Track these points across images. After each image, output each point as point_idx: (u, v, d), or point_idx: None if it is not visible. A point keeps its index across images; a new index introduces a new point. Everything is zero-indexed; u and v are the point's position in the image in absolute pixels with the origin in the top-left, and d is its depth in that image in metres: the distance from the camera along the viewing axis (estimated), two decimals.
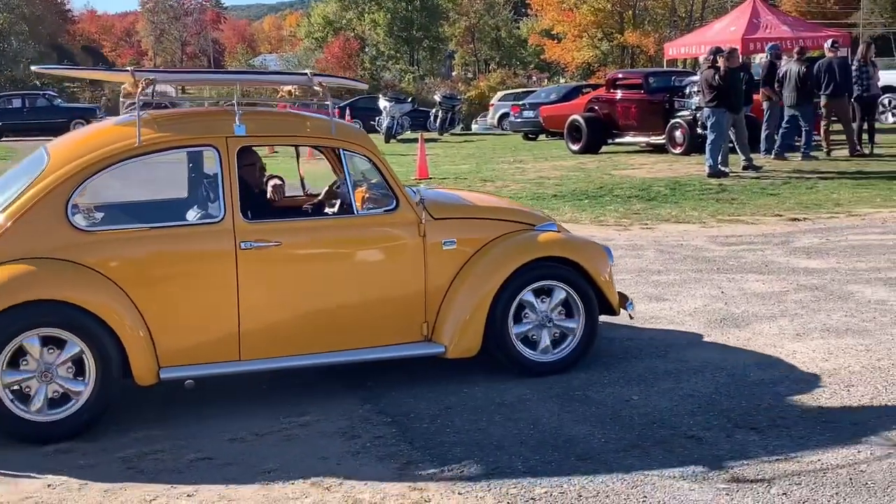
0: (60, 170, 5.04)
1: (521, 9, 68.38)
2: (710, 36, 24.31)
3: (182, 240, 5.15)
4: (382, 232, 5.51)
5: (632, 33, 46.76)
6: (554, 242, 5.81)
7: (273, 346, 5.24)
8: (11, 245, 4.87)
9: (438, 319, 5.55)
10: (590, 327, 5.74)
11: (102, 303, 4.85)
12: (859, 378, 5.36)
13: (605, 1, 47.66)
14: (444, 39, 70.76)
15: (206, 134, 5.33)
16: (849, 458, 4.27)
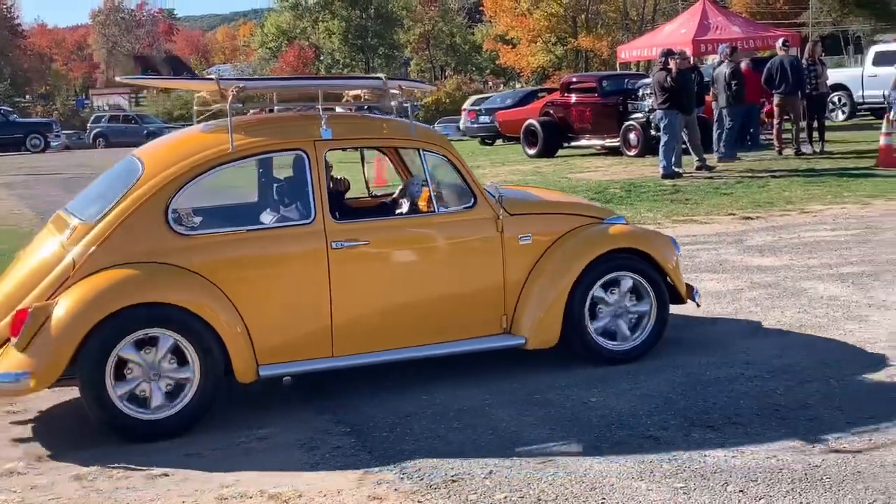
0: (158, 176, 5.21)
1: (475, 15, 68.66)
2: (661, 38, 24.53)
3: (276, 241, 5.32)
4: (463, 228, 5.69)
5: (585, 37, 47.09)
6: (625, 234, 6.04)
7: (363, 341, 5.43)
8: (114, 250, 5.05)
9: (517, 312, 5.74)
10: (661, 314, 5.94)
11: (205, 304, 5.03)
12: (812, 374, 5.42)
13: (558, 6, 47.97)
14: (400, 46, 70.87)
15: (295, 138, 5.50)
16: (804, 453, 4.31)
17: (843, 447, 4.35)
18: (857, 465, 4.15)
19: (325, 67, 67.31)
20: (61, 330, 4.81)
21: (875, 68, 25.26)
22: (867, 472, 4.07)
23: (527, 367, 5.76)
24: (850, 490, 3.91)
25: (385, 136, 6.08)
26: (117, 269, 4.99)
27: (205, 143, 5.44)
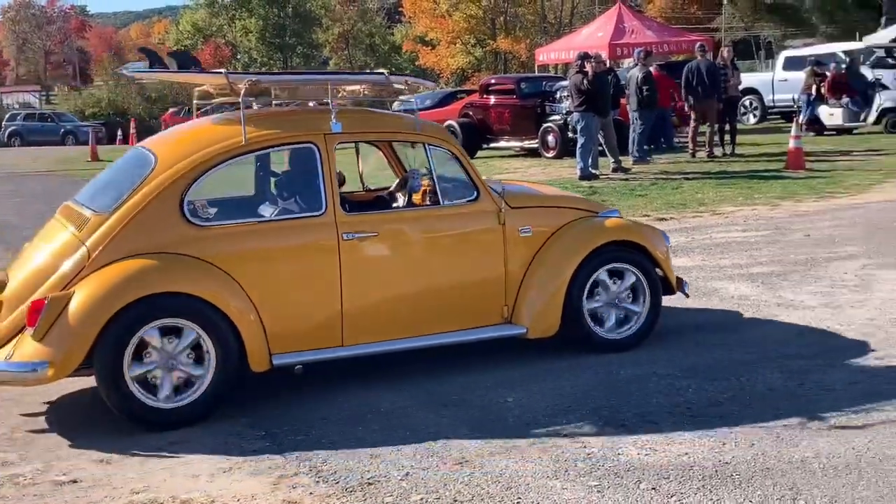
0: (172, 168, 5.28)
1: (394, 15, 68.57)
2: (578, 41, 24.84)
3: (289, 233, 5.43)
4: (466, 221, 5.86)
5: (504, 39, 47.35)
6: (621, 228, 6.27)
7: (372, 331, 5.56)
8: (129, 241, 5.11)
9: (517, 302, 5.91)
10: (655, 306, 6.17)
11: (219, 293, 5.11)
12: (723, 372, 5.53)
13: (477, 8, 48.17)
14: (319, 46, 70.40)
15: (306, 131, 5.61)
16: (714, 450, 4.39)
17: (753, 444, 4.44)
18: (765, 461, 4.24)
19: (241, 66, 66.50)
20: (81, 319, 4.85)
21: (785, 73, 25.91)
22: (776, 468, 4.16)
23: (447, 367, 5.76)
24: (759, 486, 3.99)
25: (392, 130, 6.25)
26: (135, 260, 5.07)
27: (217, 135, 5.55)
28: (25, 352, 4.88)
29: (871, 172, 14.42)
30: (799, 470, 4.13)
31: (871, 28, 33.21)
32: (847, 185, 13.05)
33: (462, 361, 5.82)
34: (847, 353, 5.80)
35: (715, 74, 16.90)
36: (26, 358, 4.86)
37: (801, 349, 5.91)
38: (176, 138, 5.95)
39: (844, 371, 5.46)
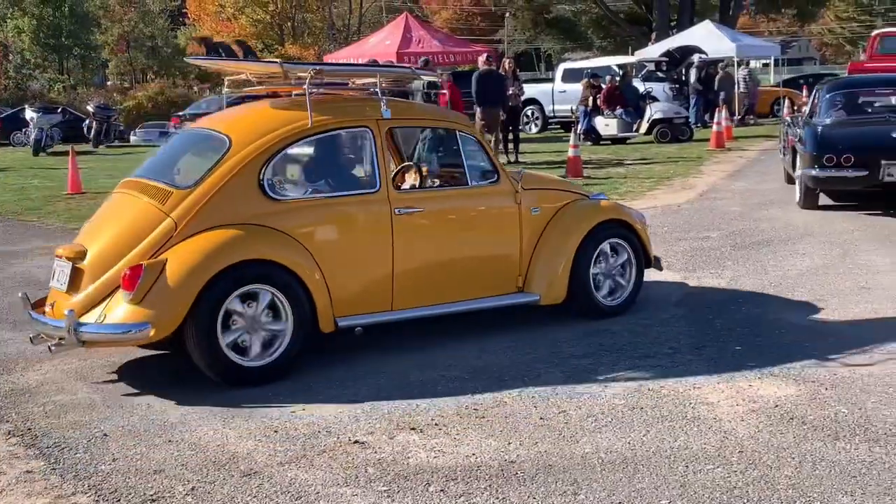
0: (248, 147, 5.83)
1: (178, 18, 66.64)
2: (367, 49, 24.96)
3: (351, 207, 6.07)
4: (490, 199, 6.63)
5: (292, 45, 47.00)
6: (614, 208, 7.24)
7: (416, 297, 6.22)
8: (212, 214, 5.62)
9: (529, 273, 6.70)
10: (639, 276, 7.10)
11: (296, 261, 5.67)
12: (508, 373, 5.67)
13: (264, 12, 47.57)
14: (97, 48, 67.44)
15: (362, 117, 6.27)
16: (500, 450, 4.50)
17: (536, 443, 4.58)
18: (548, 459, 4.38)
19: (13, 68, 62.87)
20: (181, 282, 5.33)
21: (564, 84, 27.00)
22: (558, 465, 4.31)
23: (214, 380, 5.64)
24: (542, 483, 4.12)
25: (430, 117, 7.24)
26: (222, 230, 5.59)
27: (284, 118, 6.11)
28: (124, 314, 5.34)
29: (643, 180, 15.21)
30: (580, 466, 4.29)
31: (643, 43, 35.04)
32: (622, 192, 13.70)
33: None
34: (621, 352, 6.08)
35: (501, 84, 17.38)
36: (124, 320, 5.32)
37: (580, 349, 6.14)
38: (244, 120, 6.44)
39: (618, 369, 5.72)
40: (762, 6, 47.09)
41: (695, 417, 4.85)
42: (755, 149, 20.03)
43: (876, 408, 4.88)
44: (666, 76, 28.09)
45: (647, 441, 4.55)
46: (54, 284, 5.85)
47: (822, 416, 4.79)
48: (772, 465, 4.23)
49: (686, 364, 5.76)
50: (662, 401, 5.11)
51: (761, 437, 4.55)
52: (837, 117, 12.00)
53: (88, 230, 6.04)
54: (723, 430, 4.67)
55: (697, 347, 6.10)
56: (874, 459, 4.24)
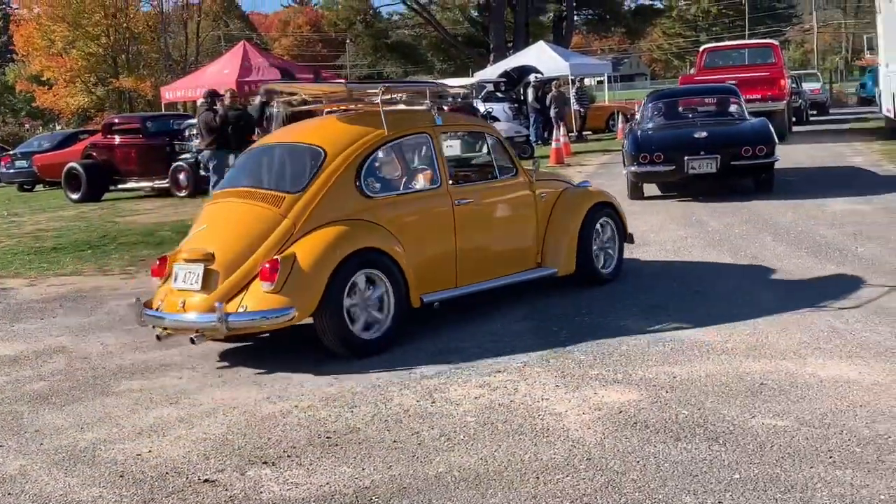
0: (342, 154, 6.85)
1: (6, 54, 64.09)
2: (205, 79, 24.58)
3: (425, 201, 7.24)
4: (514, 190, 7.91)
5: (127, 78, 45.70)
6: (600, 193, 8.76)
7: (472, 275, 7.39)
8: (324, 212, 6.64)
9: (544, 251, 8.04)
10: (622, 248, 8.66)
11: (393, 248, 6.73)
12: (361, 398, 5.65)
13: (96, 46, 46.13)
14: None
15: (422, 125, 7.41)
16: (354, 477, 4.47)
17: (390, 466, 4.58)
18: (402, 481, 4.38)
19: None
20: (314, 271, 6.32)
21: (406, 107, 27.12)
22: (412, 486, 4.32)
23: (68, 423, 5.43)
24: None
25: (470, 123, 9.42)
26: (335, 226, 6.60)
27: (362, 129, 7.11)
28: (264, 302, 6.26)
29: None
30: (434, 486, 4.31)
31: (482, 64, 35.70)
32: None
33: (80, 418, 5.50)
34: (472, 368, 6.14)
35: None
36: (270, 307, 6.25)
37: (431, 368, 6.16)
38: (329, 132, 7.27)
39: (469, 386, 5.78)
40: (592, 26, 48.69)
41: (544, 429, 4.94)
42: (593, 163, 20.65)
43: (714, 407, 5.08)
44: (505, 96, 28.67)
45: (499, 456, 4.61)
46: (180, 286, 6.60)
47: (663, 419, 4.96)
48: (618, 469, 4.35)
49: (535, 376, 5.87)
50: (513, 415, 5.19)
51: (607, 444, 4.67)
52: (656, 123, 14.47)
53: (203, 236, 6.82)
54: (571, 438, 4.77)
55: (545, 359, 6.22)
56: (714, 457, 4.41)
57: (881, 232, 9.92)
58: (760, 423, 4.79)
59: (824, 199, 12.57)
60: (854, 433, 4.57)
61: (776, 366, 5.73)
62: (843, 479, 4.07)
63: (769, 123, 13.94)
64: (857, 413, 4.84)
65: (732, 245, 9.92)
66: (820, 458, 4.31)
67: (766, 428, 4.73)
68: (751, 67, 23.03)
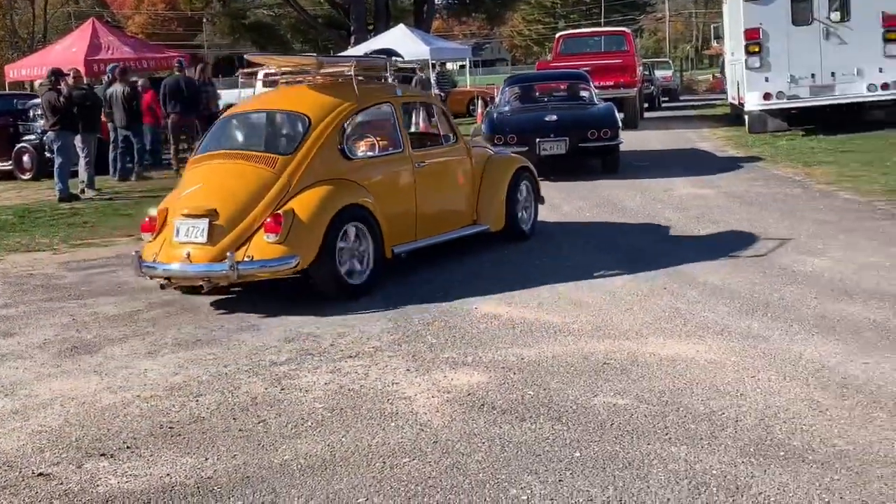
0: (325, 120, 7.65)
1: None
2: (52, 57, 23.54)
3: (393, 164, 8.16)
4: (456, 155, 8.93)
5: None
6: (520, 159, 9.89)
7: (426, 230, 8.34)
8: (314, 172, 7.42)
9: (479, 210, 9.07)
10: (537, 208, 9.91)
11: (373, 204, 7.58)
12: (207, 387, 5.53)
13: None
14: None
15: (386, 95, 8.41)
16: (196, 467, 4.37)
17: (234, 455, 4.49)
18: (246, 470, 4.30)
19: None
20: (313, 223, 7.13)
21: (265, 89, 26.69)
22: (256, 475, 4.24)
23: None
24: (240, 496, 4.04)
25: (420, 95, 10.86)
26: (325, 184, 7.40)
27: (336, 98, 7.93)
28: (269, 252, 7.02)
29: None
30: (279, 474, 4.25)
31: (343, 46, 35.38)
32: None
33: None
34: (323, 354, 6.09)
35: (194, 90, 16.97)
36: (275, 255, 7.01)
37: (283, 355, 6.09)
38: (308, 99, 8.05)
39: (319, 372, 5.73)
40: (453, 11, 48.90)
41: (393, 413, 4.94)
42: None
43: (559, 387, 5.17)
44: None
45: (346, 441, 4.58)
46: (182, 239, 7.23)
47: (510, 400, 5.02)
48: (464, 451, 4.38)
49: (386, 361, 5.85)
50: (362, 400, 5.17)
51: (455, 426, 4.70)
52: (512, 106, 15.32)
53: (200, 194, 7.43)
54: (419, 422, 4.78)
55: (398, 344, 6.22)
56: (556, 436, 4.49)
57: (722, 216, 10.30)
58: (602, 402, 4.91)
59: (671, 183, 12.97)
60: (690, 410, 4.73)
61: (619, 346, 5.88)
62: (678, 455, 4.20)
63: (614, 109, 14.79)
64: (694, 390, 5.01)
65: (583, 229, 10.14)
66: (657, 435, 4.44)
67: (607, 406, 4.84)
68: (605, 55, 23.54)
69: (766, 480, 3.90)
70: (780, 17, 17.78)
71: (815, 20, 17.76)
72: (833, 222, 9.50)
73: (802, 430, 4.40)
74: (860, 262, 7.65)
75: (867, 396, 4.76)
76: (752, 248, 8.47)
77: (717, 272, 7.66)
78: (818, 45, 17.72)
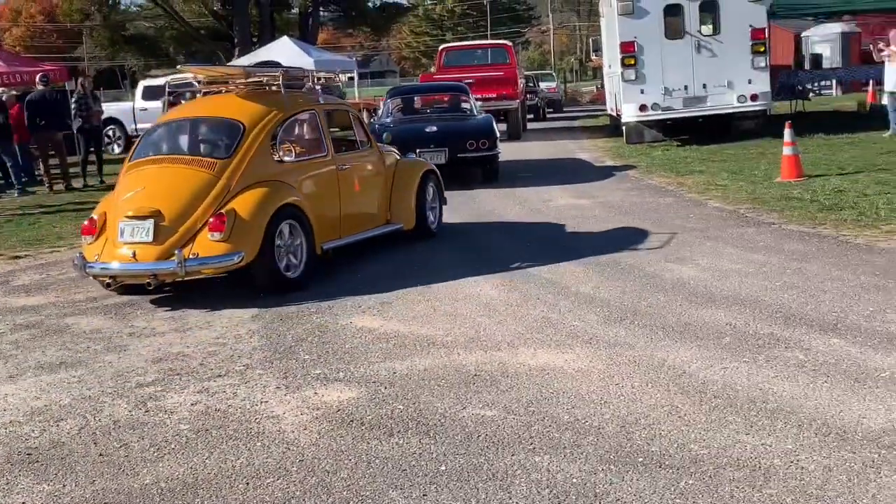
0: (257, 127, 8.21)
1: None
2: None
3: (319, 167, 8.76)
4: (371, 159, 9.66)
5: None
6: (426, 163, 10.82)
7: (349, 229, 9.03)
8: (250, 174, 7.99)
9: (391, 210, 9.84)
10: (441, 210, 10.67)
11: (304, 204, 8.18)
12: (69, 411, 5.37)
13: None
14: None
15: (310, 104, 9.08)
16: (54, 494, 4.24)
17: (94, 480, 4.37)
18: (105, 496, 4.19)
19: None
20: (254, 221, 7.64)
21: (145, 102, 26.24)
22: (114, 501, 4.14)
23: None
24: None
25: (341, 104, 10.95)
26: (262, 186, 7.93)
27: (266, 105, 8.54)
28: (214, 249, 7.54)
29: None
30: (139, 499, 4.15)
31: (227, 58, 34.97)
32: None
33: None
34: (192, 374, 5.99)
35: (59, 105, 16.53)
36: (221, 252, 7.53)
37: (150, 376, 5.97)
38: (241, 107, 8.55)
39: (186, 393, 5.63)
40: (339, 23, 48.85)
41: (259, 432, 4.88)
42: None
43: (429, 401, 5.19)
44: None
45: (210, 463, 4.51)
46: (127, 240, 7.67)
47: (379, 415, 5.01)
48: (330, 469, 4.35)
49: (256, 379, 5.78)
50: (229, 420, 5.09)
51: (322, 444, 4.67)
52: (395, 118, 15.82)
53: (143, 196, 7.83)
54: (286, 441, 4.74)
55: (269, 361, 6.15)
56: (423, 450, 4.50)
57: (597, 225, 10.51)
58: (470, 414, 4.94)
59: (550, 193, 13.19)
60: (555, 419, 4.80)
61: (490, 357, 5.94)
62: (541, 464, 4.26)
63: (493, 120, 15.17)
64: (560, 400, 5.09)
65: (460, 238, 10.22)
66: (522, 446, 4.49)
67: (475, 418, 4.88)
68: (487, 67, 23.83)
69: (623, 487, 3.99)
70: (654, 31, 18.27)
71: (687, 34, 18.31)
72: (701, 230, 9.79)
73: (661, 435, 4.51)
74: (723, 269, 7.90)
75: (724, 401, 4.91)
76: (624, 257, 8.66)
77: (590, 281, 7.81)
78: (690, 58, 18.27)
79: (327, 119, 9.10)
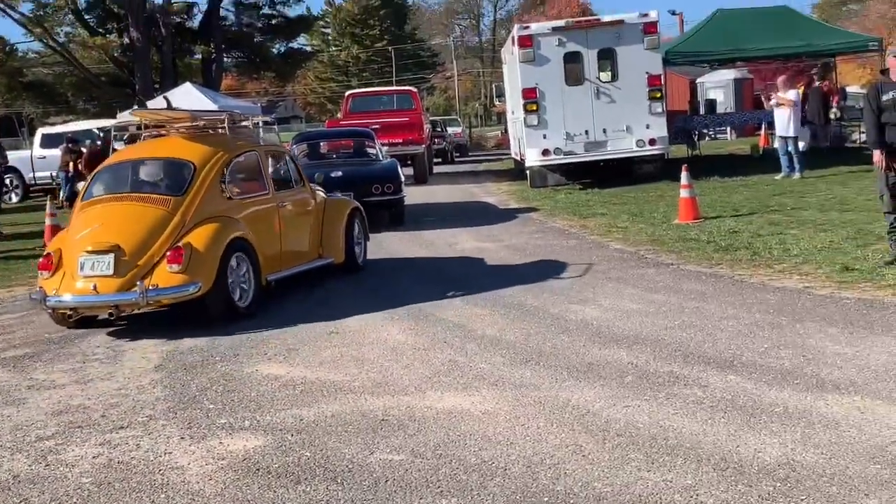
0: (207, 166, 8.88)
1: None
2: None
3: (262, 203, 9.44)
4: (303, 197, 10.34)
5: None
6: (352, 202, 11.29)
7: (288, 262, 9.72)
8: (203, 210, 8.61)
9: (323, 245, 10.48)
10: (366, 246, 11.38)
11: (251, 237, 8.85)
12: None
13: None
14: None
15: (252, 145, 9.89)
16: None
17: None
18: None
19: None
20: (209, 254, 8.27)
21: (43, 150, 25.74)
22: None
23: None
24: None
25: (280, 147, 11.33)
26: (213, 221, 8.56)
27: (213, 147, 9.20)
28: (172, 280, 8.08)
29: None
30: None
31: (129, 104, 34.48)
32: None
33: None
34: (93, 426, 5.86)
35: None
36: (180, 283, 8.09)
37: (49, 429, 5.82)
38: (190, 148, 9.18)
39: (88, 446, 5.51)
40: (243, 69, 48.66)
41: (164, 484, 4.80)
42: None
43: (336, 447, 5.18)
44: None
45: None
46: (88, 273, 8.12)
47: (286, 463, 4.98)
48: None
49: (160, 430, 5.69)
50: (132, 472, 5.00)
51: (228, 493, 4.62)
52: (302, 162, 15.34)
53: (101, 232, 8.34)
54: (191, 492, 4.67)
55: (173, 411, 6.06)
56: (330, 497, 4.49)
57: (502, 269, 10.66)
58: (378, 459, 4.95)
59: (455, 237, 13.32)
60: (462, 462, 4.84)
61: (398, 401, 5.95)
62: None
63: (398, 164, 15.56)
64: (467, 442, 5.13)
65: (370, 283, 10.24)
66: (430, 489, 4.51)
67: (382, 463, 4.89)
68: (393, 112, 24.02)
69: None
70: (555, 78, 18.68)
71: (586, 80, 18.75)
72: (603, 271, 10.00)
73: (566, 474, 4.58)
74: (625, 309, 8.09)
75: (626, 439, 5.02)
76: (529, 299, 8.79)
77: (496, 324, 7.90)
78: (590, 104, 18.70)
79: (267, 159, 9.76)
